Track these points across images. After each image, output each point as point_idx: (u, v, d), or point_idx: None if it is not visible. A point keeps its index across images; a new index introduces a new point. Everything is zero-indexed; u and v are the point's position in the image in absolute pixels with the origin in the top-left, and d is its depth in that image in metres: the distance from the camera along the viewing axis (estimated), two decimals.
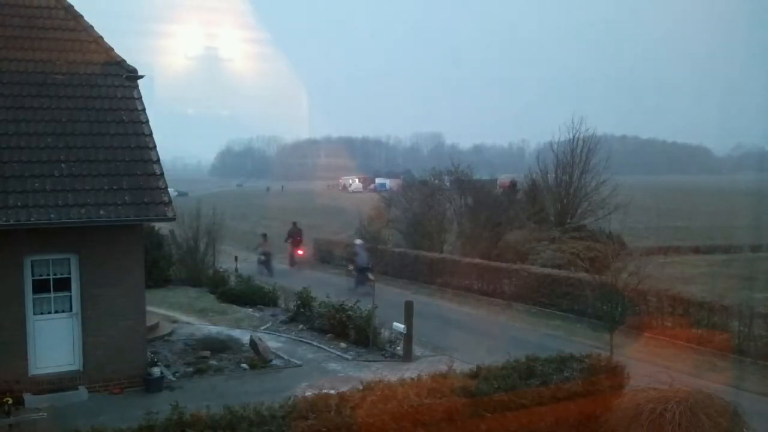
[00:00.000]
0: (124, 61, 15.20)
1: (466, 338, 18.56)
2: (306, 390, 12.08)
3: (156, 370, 14.06)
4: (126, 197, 13.38)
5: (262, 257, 32.39)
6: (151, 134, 14.41)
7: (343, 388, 9.93)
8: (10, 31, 14.71)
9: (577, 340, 18.18)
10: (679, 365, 15.43)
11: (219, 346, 16.71)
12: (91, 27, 15.47)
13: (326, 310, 19.03)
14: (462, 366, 11.82)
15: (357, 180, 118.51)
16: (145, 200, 13.58)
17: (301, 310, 20.20)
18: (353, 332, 17.79)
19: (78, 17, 15.46)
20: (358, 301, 18.65)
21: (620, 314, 14.95)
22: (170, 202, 13.83)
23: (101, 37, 15.40)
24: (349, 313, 18.27)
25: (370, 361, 16.44)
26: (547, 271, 24.72)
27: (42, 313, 13.31)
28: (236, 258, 30.17)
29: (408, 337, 16.60)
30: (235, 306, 22.40)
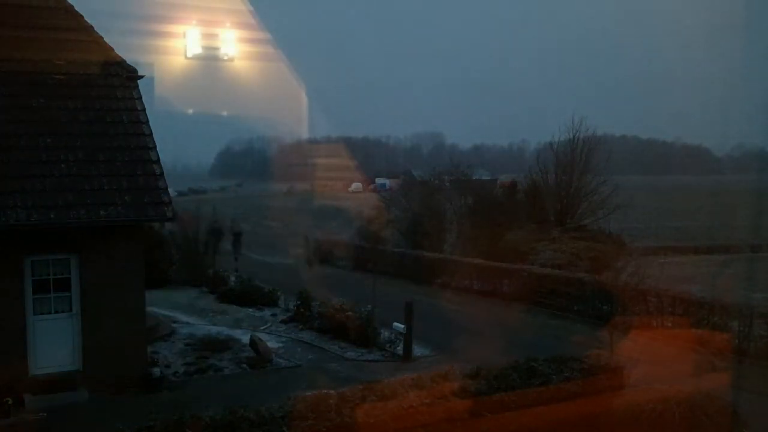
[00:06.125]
0: (124, 61, 15.21)
1: (466, 338, 18.52)
2: (306, 390, 12.05)
3: (156, 370, 14.07)
4: (126, 197, 13.38)
5: None
6: (151, 134, 14.41)
7: (343, 388, 9.92)
8: (10, 31, 14.69)
9: (576, 340, 18.14)
10: (679, 365, 15.38)
11: (219, 346, 16.73)
12: (91, 27, 15.47)
13: (326, 311, 19.03)
14: (462, 366, 11.80)
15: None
16: (145, 200, 13.58)
17: (301, 310, 20.20)
18: (353, 332, 17.79)
19: (78, 17, 15.45)
20: (357, 302, 18.67)
21: (613, 311, 14.97)
22: (170, 202, 13.84)
23: (101, 37, 15.40)
24: (349, 313, 18.27)
25: (369, 361, 16.45)
26: (547, 271, 24.73)
27: (42, 314, 13.31)
28: (236, 258, 30.19)
29: (408, 337, 16.60)
30: (235, 306, 22.42)
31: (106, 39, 15.45)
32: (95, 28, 15.51)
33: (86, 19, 15.52)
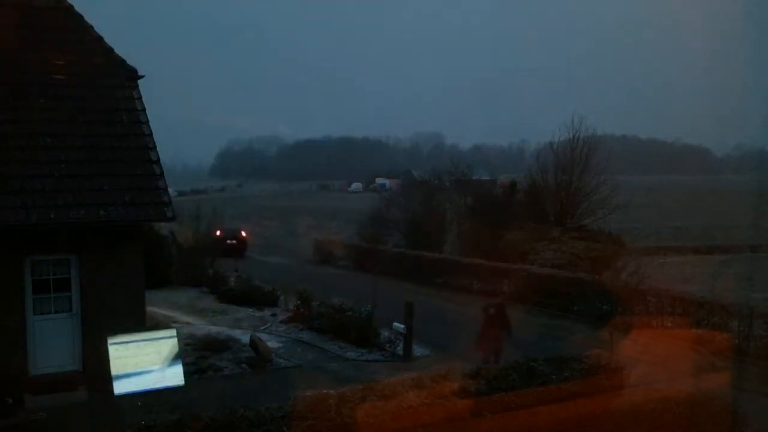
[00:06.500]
0: (125, 61, 15.19)
1: (466, 338, 18.51)
2: (306, 390, 12.07)
3: None
4: (126, 197, 13.37)
5: None
6: (151, 134, 14.40)
7: (343, 389, 9.92)
8: (10, 30, 14.68)
9: (576, 340, 18.15)
10: (679, 365, 15.38)
11: (219, 346, 16.72)
12: (92, 27, 15.46)
13: (326, 310, 19.03)
14: (462, 366, 11.80)
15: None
16: (145, 200, 13.57)
17: (301, 310, 20.20)
18: (353, 332, 17.78)
19: (78, 17, 15.45)
20: (357, 302, 18.68)
21: (613, 311, 14.98)
22: (170, 202, 13.83)
23: (102, 38, 15.39)
24: (349, 313, 18.27)
25: (369, 361, 16.45)
26: (547, 271, 24.74)
27: (42, 313, 13.30)
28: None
29: (408, 337, 16.60)
30: (234, 306, 22.41)
31: (106, 39, 15.44)
32: (95, 28, 15.51)
33: (86, 19, 15.52)
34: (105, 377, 13.30)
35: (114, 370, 9.28)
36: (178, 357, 9.74)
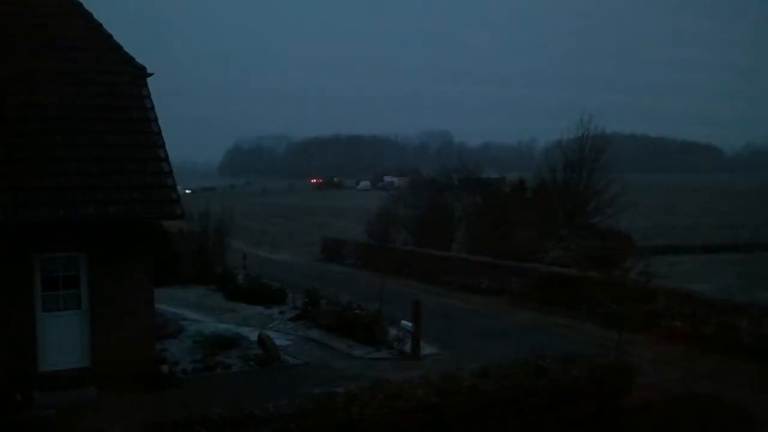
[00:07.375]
0: (133, 59, 15.20)
1: (474, 337, 18.51)
2: (314, 388, 12.08)
3: (165, 367, 14.08)
4: (135, 195, 13.38)
5: None
6: (160, 132, 14.41)
7: (351, 386, 9.92)
8: (18, 29, 14.74)
9: (585, 340, 18.06)
10: (688, 365, 15.33)
11: (227, 343, 16.74)
12: (101, 25, 15.49)
13: (334, 308, 19.04)
14: (470, 364, 11.78)
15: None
16: (154, 198, 13.59)
17: (309, 308, 20.21)
18: (361, 330, 17.76)
19: (87, 15, 15.48)
20: (365, 300, 18.67)
21: (622, 310, 14.89)
22: (179, 199, 13.83)
23: (110, 35, 15.41)
24: (357, 311, 18.26)
25: (377, 359, 16.42)
26: (556, 269, 24.64)
27: (51, 311, 13.34)
28: (244, 256, 30.22)
29: (416, 335, 16.57)
30: (243, 304, 22.44)
31: (115, 37, 15.46)
32: (104, 26, 15.53)
33: (95, 16, 15.55)
34: (113, 374, 13.37)
35: None
36: None
